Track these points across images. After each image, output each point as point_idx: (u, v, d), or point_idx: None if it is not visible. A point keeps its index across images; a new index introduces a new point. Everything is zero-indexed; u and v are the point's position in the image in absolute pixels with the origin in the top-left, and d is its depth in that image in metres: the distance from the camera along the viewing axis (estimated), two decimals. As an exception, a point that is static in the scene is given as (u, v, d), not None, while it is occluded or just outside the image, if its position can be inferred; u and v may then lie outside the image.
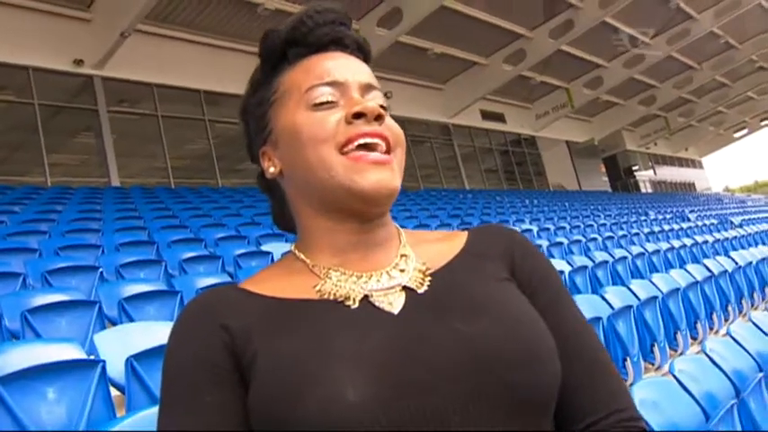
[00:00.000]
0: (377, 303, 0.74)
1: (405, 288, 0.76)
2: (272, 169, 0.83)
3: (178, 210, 9.34)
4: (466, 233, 0.89)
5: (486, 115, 24.13)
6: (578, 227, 11.65)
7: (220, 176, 15.05)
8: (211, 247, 6.47)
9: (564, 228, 11.18)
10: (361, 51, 0.86)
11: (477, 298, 0.76)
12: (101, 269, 4.72)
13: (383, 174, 0.75)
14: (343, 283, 0.77)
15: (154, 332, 3.03)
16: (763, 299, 6.87)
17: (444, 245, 0.86)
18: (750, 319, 4.22)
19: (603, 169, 32.31)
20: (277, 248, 6.27)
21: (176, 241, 6.42)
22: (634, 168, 34.51)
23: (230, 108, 15.86)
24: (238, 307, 0.76)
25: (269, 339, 0.71)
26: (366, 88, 0.81)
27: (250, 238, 7.02)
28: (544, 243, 8.40)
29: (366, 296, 0.75)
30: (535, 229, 10.51)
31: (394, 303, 0.74)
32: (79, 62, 12.34)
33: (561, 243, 8.59)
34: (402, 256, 0.81)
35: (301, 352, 0.68)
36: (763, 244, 10.48)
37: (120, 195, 10.89)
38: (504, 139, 25.93)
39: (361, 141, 0.75)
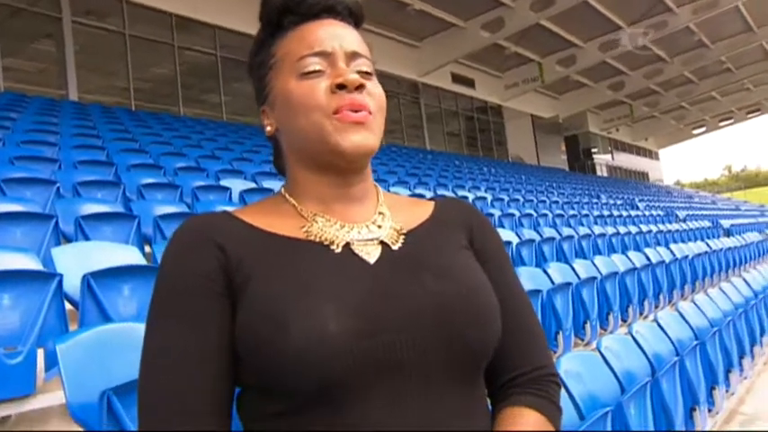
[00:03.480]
0: (357, 251, 0.85)
1: (381, 242, 0.88)
2: (268, 128, 0.94)
3: (138, 134, 9.19)
4: (432, 202, 1.01)
5: (457, 78, 24.14)
6: (531, 201, 11.89)
7: (183, 105, 14.78)
8: (170, 175, 6.43)
9: (518, 200, 11.40)
10: (352, 16, 0.95)
11: (443, 261, 0.88)
12: (58, 184, 4.68)
13: (362, 135, 0.85)
14: (329, 228, 0.87)
15: (111, 252, 3.09)
16: (693, 291, 7.24)
17: (415, 209, 0.98)
18: (677, 309, 4.50)
19: (564, 147, 32.80)
20: (235, 185, 6.29)
21: (136, 165, 6.36)
22: (593, 150, 35.11)
23: (201, 36, 15.51)
24: (234, 232, 0.85)
25: (262, 269, 0.81)
26: (352, 56, 0.89)
27: (209, 171, 6.99)
28: (496, 212, 8.59)
29: (348, 243, 0.86)
30: (489, 197, 10.70)
31: (371, 254, 0.86)
32: (43, -37, 11.80)
33: (513, 215, 8.79)
34: (380, 213, 0.92)
35: (291, 285, 0.79)
36: (702, 240, 10.93)
37: (79, 111, 10.61)
38: (470, 104, 26.03)
39: (345, 112, 0.85)
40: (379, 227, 0.90)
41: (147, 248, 4.11)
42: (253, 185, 6.55)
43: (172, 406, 0.77)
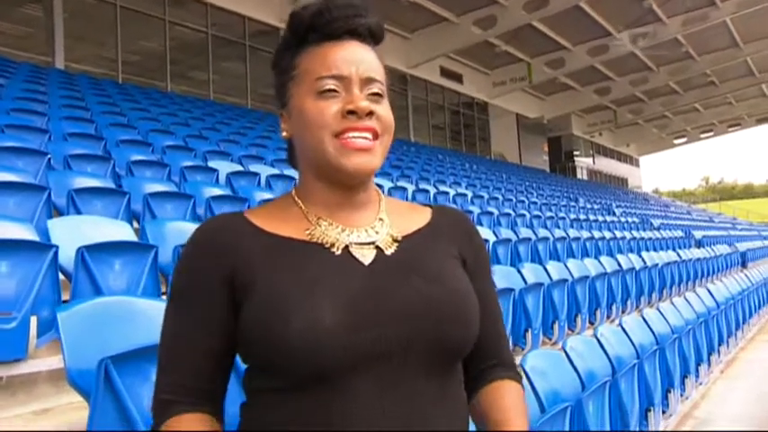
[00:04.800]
0: (354, 253, 0.97)
1: (376, 246, 0.99)
2: (284, 133, 1.05)
3: (126, 108, 9.21)
4: (430, 209, 1.13)
5: (445, 73, 24.31)
6: (510, 200, 12.08)
7: (171, 80, 14.75)
8: (158, 153, 6.51)
9: (497, 198, 11.57)
10: (373, 36, 1.05)
11: (433, 266, 1.00)
12: (49, 156, 4.75)
13: (365, 159, 0.96)
14: (330, 232, 0.99)
15: (104, 227, 3.19)
16: (660, 299, 7.48)
17: (413, 216, 1.09)
18: (641, 315, 4.70)
19: (546, 148, 33.15)
20: (222, 167, 6.38)
21: (124, 141, 6.42)
22: (575, 153, 35.53)
23: (193, 14, 15.43)
24: (245, 235, 0.98)
25: (268, 268, 0.94)
26: (366, 81, 0.98)
27: (197, 151, 7.06)
28: (476, 210, 8.74)
29: (347, 246, 0.98)
30: (470, 194, 10.86)
31: (366, 256, 0.97)
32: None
33: (491, 213, 8.95)
34: (380, 219, 1.04)
35: (295, 283, 0.91)
36: (673, 249, 11.22)
37: (66, 81, 10.58)
38: (457, 99, 26.22)
39: (350, 135, 0.95)
40: (377, 232, 1.01)
41: (135, 224, 4.21)
42: (239, 168, 6.64)
43: (176, 377, 0.96)
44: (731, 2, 20.82)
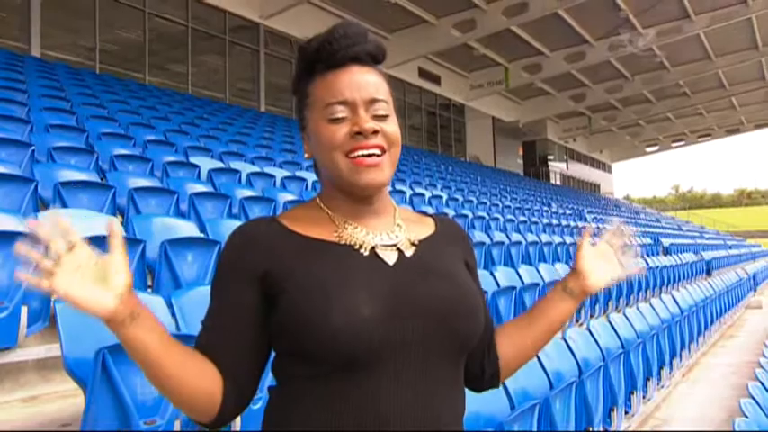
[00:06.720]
0: (380, 254, 1.09)
1: (398, 249, 1.11)
2: (306, 155, 1.18)
3: (106, 100, 9.18)
4: (432, 219, 1.27)
5: (424, 74, 24.48)
6: (485, 203, 12.25)
7: (149, 72, 14.68)
8: (140, 146, 6.53)
9: (471, 201, 11.72)
10: (374, 58, 1.15)
11: (445, 267, 1.14)
12: (33, 147, 4.77)
13: (374, 174, 1.08)
14: (357, 234, 1.10)
15: (92, 221, 3.25)
16: (627, 304, 7.70)
17: (421, 223, 1.23)
18: (608, 319, 4.88)
19: (521, 152, 33.51)
20: (204, 163, 6.44)
21: (106, 134, 6.43)
22: (549, 158, 35.98)
23: (173, 5, 15.39)
24: (279, 237, 1.09)
25: (303, 266, 1.05)
26: (371, 102, 1.09)
27: (179, 146, 7.10)
28: (450, 212, 8.88)
29: (373, 247, 1.09)
30: (445, 197, 10.99)
31: (390, 257, 1.09)
32: None
33: (466, 216, 9.09)
34: (398, 225, 1.17)
35: (330, 280, 1.02)
36: (641, 256, 11.48)
37: (44, 70, 10.49)
38: (434, 100, 26.42)
39: (360, 153, 1.07)
40: (396, 236, 1.13)
41: (119, 218, 4.26)
42: (221, 165, 6.70)
43: (208, 348, 1.07)
44: (705, 15, 21.29)
